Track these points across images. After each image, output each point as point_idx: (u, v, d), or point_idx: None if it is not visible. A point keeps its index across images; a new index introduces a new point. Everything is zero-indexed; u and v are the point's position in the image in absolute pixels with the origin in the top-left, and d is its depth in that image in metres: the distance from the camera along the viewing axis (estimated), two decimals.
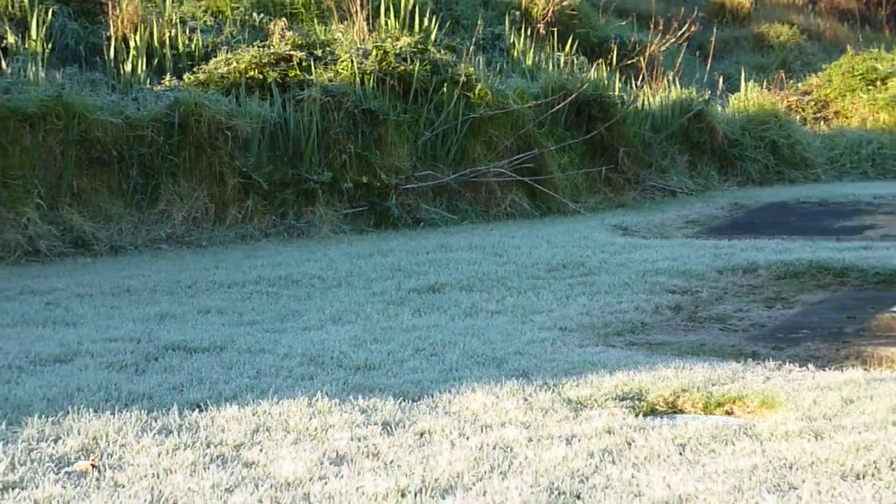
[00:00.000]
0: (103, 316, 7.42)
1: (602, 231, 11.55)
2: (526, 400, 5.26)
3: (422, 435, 4.75)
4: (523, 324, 7.09)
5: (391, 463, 4.39)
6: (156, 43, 13.47)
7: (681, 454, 4.52)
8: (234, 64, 12.68)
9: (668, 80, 16.37)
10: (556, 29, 17.65)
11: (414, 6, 15.28)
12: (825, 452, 4.50)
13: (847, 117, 18.15)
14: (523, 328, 6.95)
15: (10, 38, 12.53)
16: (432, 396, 5.30)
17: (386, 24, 14.76)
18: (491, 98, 13.42)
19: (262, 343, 6.46)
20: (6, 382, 5.52)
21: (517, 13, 17.81)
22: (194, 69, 12.91)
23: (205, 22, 14.68)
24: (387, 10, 15.02)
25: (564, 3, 18.39)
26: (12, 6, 13.22)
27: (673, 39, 17.63)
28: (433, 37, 14.57)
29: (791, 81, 19.28)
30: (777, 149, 16.31)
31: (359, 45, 13.37)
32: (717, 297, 8.08)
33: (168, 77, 12.73)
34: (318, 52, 13.24)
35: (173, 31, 13.76)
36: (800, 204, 13.43)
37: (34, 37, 12.71)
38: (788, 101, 18.07)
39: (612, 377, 5.65)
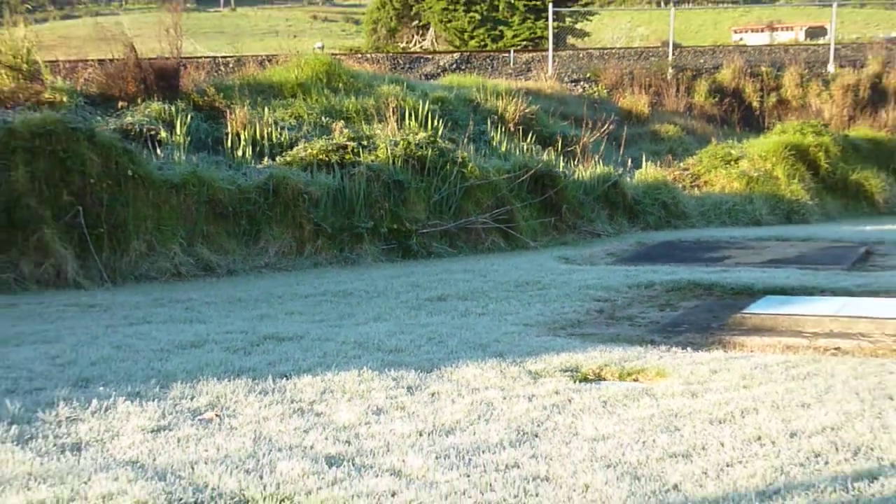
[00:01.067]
0: (223, 316, 7.45)
1: (551, 260, 11.56)
2: (501, 372, 5.27)
3: (433, 395, 4.77)
4: (500, 321, 7.10)
5: (413, 413, 4.40)
6: (258, 136, 13.51)
7: (604, 407, 4.53)
8: (309, 150, 12.71)
9: (594, 161, 16.39)
10: (521, 127, 17.70)
11: (427, 112, 15.38)
12: (699, 406, 4.51)
13: (712, 185, 18.14)
14: (500, 324, 6.96)
15: (163, 134, 12.60)
16: (439, 369, 5.32)
17: (409, 124, 14.84)
18: (478, 172, 13.44)
19: (327, 334, 6.48)
20: (159, 360, 5.55)
21: (496, 116, 17.85)
22: (283, 154, 12.95)
23: (290, 123, 14.72)
24: (409, 115, 15.12)
25: (526, 111, 18.42)
26: (165, 113, 13.30)
27: (598, 134, 17.64)
28: (440, 132, 14.61)
29: (675, 162, 19.26)
30: (666, 206, 16.31)
31: (391, 138, 13.40)
32: (628, 304, 8.09)
33: (266, 159, 12.76)
34: (364, 142, 13.26)
35: (269, 128, 13.80)
36: (681, 242, 13.42)
37: (178, 133, 12.79)
38: (674, 175, 18.06)
39: (559, 356, 5.66)
